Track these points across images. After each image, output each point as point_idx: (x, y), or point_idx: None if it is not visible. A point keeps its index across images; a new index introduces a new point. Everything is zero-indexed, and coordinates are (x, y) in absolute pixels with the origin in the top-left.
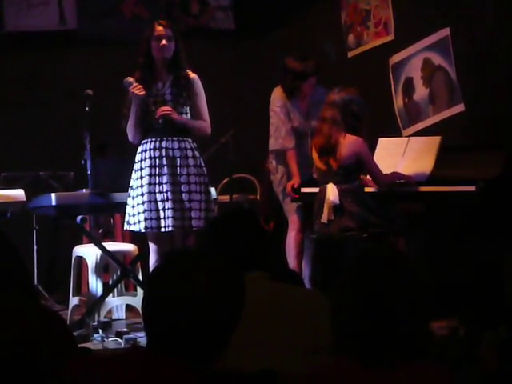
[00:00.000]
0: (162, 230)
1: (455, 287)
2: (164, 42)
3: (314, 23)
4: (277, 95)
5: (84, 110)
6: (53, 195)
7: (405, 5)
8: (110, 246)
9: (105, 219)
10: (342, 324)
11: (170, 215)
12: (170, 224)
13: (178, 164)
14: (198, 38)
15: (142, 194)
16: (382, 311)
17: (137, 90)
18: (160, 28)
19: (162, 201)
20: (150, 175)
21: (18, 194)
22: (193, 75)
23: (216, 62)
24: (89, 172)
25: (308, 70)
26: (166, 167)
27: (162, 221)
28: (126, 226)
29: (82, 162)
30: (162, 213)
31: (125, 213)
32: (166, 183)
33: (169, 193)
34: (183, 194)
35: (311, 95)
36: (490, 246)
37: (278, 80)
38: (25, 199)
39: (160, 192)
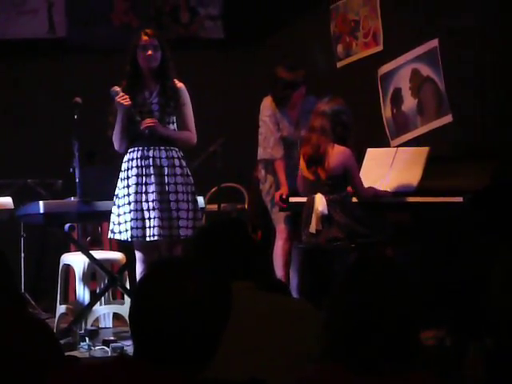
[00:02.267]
0: (148, 239)
1: (442, 297)
2: (149, 52)
3: (303, 33)
4: (266, 104)
5: (73, 118)
6: (41, 203)
7: (394, 16)
8: (98, 255)
9: (92, 227)
10: (333, 331)
11: (156, 224)
12: (156, 233)
13: (166, 173)
14: (187, 46)
15: (129, 203)
16: (373, 319)
17: (122, 99)
18: (145, 38)
19: (148, 210)
20: (137, 184)
21: (6, 201)
22: (180, 85)
23: (205, 71)
24: (77, 180)
25: (298, 80)
26: (153, 176)
27: (148, 230)
28: (109, 235)
29: (71, 169)
30: (147, 222)
31: None
32: (152, 192)
33: (156, 202)
34: (171, 203)
35: (301, 104)
36: (477, 256)
37: (268, 89)
38: (12, 207)
39: (146, 201)
